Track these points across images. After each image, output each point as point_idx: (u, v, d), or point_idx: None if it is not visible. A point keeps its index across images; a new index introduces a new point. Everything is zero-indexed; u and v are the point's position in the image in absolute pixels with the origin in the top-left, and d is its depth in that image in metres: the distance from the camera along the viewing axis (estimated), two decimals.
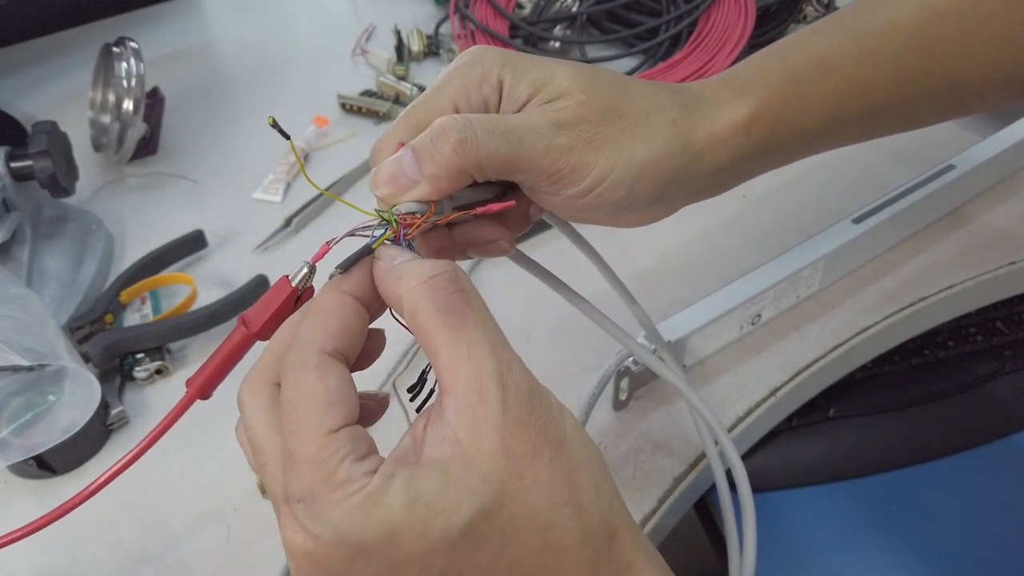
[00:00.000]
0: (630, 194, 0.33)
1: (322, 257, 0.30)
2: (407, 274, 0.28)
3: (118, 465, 0.30)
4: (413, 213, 0.31)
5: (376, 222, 0.31)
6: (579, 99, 0.33)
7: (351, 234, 0.30)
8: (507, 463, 0.25)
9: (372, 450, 0.27)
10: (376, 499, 0.24)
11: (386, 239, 0.30)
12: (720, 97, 0.36)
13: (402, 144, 0.32)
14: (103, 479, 0.30)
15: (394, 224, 0.30)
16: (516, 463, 0.25)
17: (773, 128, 0.36)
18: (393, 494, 0.24)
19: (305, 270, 0.30)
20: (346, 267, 0.29)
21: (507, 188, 0.36)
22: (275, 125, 0.30)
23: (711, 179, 0.36)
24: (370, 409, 0.32)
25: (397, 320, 0.29)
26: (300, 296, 0.30)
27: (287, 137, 0.30)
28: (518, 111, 0.34)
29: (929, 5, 0.39)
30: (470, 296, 0.27)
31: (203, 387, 0.30)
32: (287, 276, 0.30)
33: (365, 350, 0.30)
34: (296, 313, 0.30)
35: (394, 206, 0.31)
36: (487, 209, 0.32)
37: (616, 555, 0.27)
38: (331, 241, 0.30)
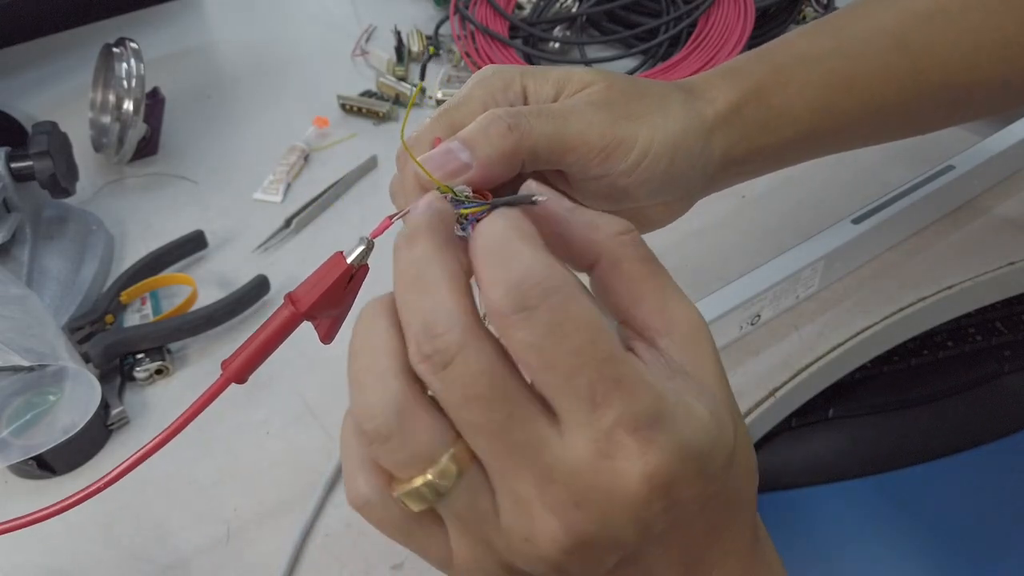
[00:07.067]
0: (671, 167, 0.35)
1: (382, 232, 0.28)
2: (604, 225, 0.26)
3: (144, 450, 0.29)
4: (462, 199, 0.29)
5: (449, 197, 0.28)
6: (604, 84, 0.35)
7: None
8: (731, 400, 0.26)
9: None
10: (715, 414, 0.24)
11: (476, 212, 0.27)
12: (713, 84, 0.38)
13: (439, 140, 0.32)
14: (129, 463, 0.29)
15: (466, 199, 0.28)
16: (734, 402, 0.26)
17: (763, 111, 0.38)
18: (719, 413, 0.24)
19: (362, 247, 0.28)
20: (514, 203, 0.26)
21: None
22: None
23: (721, 161, 0.38)
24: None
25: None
26: (354, 275, 0.28)
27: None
28: None
29: (912, 10, 0.40)
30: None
31: (240, 370, 0.28)
32: (341, 252, 0.28)
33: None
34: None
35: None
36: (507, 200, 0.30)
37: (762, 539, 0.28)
38: (393, 216, 0.28)
